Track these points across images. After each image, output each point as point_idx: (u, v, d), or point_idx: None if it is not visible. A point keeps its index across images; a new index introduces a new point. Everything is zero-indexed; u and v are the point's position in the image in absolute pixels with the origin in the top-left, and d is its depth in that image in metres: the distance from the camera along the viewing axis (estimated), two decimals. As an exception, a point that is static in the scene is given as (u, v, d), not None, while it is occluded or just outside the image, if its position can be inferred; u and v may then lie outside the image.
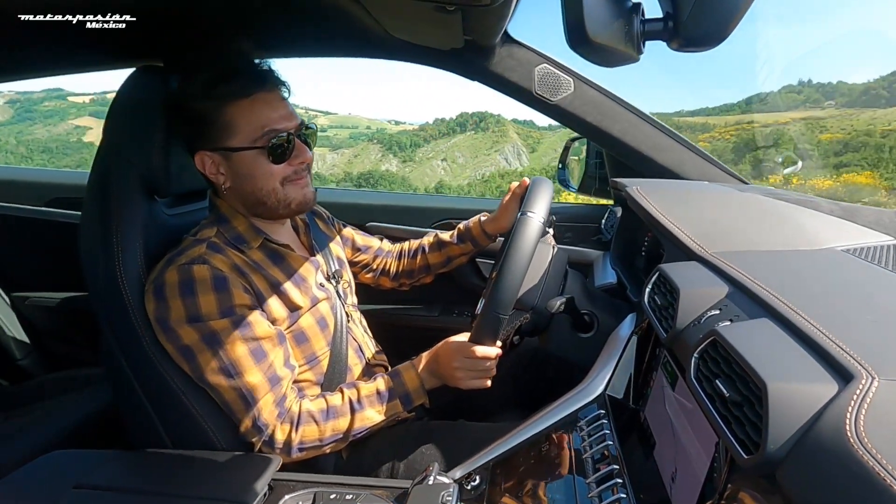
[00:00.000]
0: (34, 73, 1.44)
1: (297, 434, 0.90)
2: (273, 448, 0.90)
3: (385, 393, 0.96)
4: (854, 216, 0.92)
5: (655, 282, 0.79)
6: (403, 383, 0.98)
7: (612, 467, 0.68)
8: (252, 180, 0.94)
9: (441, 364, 0.97)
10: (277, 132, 0.92)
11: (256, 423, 0.89)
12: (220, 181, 0.95)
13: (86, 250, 0.96)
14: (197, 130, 0.92)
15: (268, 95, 0.93)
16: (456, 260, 1.30)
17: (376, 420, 0.95)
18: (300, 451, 0.91)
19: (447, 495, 0.68)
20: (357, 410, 0.94)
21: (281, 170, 0.94)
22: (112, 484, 0.81)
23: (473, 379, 0.96)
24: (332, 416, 0.93)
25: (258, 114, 0.91)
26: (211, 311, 0.86)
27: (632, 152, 1.36)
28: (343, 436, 0.93)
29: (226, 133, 0.91)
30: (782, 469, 0.40)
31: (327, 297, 1.03)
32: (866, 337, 0.49)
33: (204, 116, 0.91)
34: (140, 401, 0.94)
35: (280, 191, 0.95)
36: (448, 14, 0.84)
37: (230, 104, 0.90)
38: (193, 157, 0.95)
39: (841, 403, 0.40)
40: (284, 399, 0.91)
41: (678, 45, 0.67)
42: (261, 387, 0.89)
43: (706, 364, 0.54)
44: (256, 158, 0.92)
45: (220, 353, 0.86)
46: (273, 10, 1.04)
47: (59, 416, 1.29)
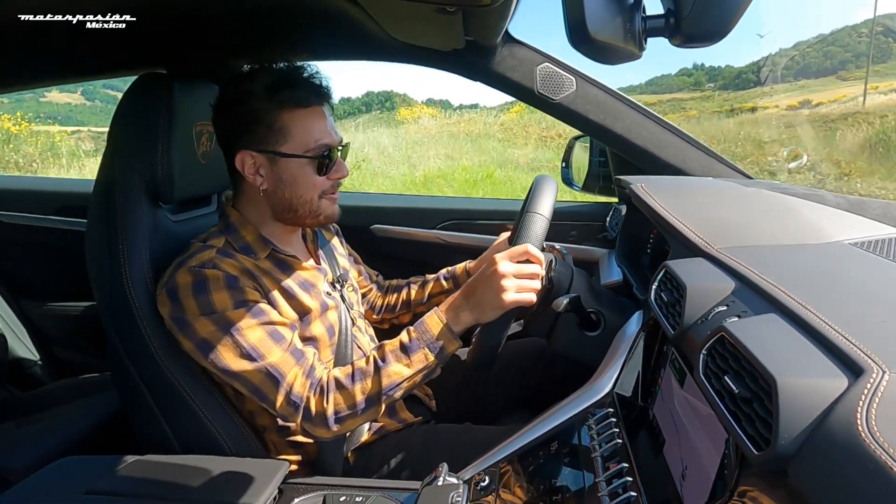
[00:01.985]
0: (38, 83, 1.45)
1: (329, 403, 0.87)
2: (312, 423, 0.87)
3: (409, 343, 0.90)
4: (861, 209, 0.92)
5: (662, 279, 0.79)
6: (427, 329, 0.91)
7: (621, 465, 0.68)
8: (293, 188, 0.95)
9: (479, 284, 0.91)
10: (328, 146, 0.94)
11: (290, 398, 0.87)
12: (256, 182, 0.95)
13: (92, 258, 0.96)
14: (247, 129, 0.93)
15: (322, 109, 0.96)
16: (436, 297, 1.24)
17: (405, 374, 0.89)
18: (337, 423, 0.87)
19: (457, 496, 0.68)
20: (382, 367, 0.89)
21: (322, 182, 0.96)
22: (122, 489, 0.81)
23: (519, 291, 0.88)
24: (359, 378, 0.89)
25: (313, 126, 0.94)
26: (225, 305, 0.87)
27: (635, 149, 1.36)
28: (376, 397, 0.88)
29: (278, 137, 0.92)
30: (793, 465, 0.40)
31: (335, 306, 1.03)
32: (876, 331, 0.48)
33: (259, 117, 0.92)
34: (149, 406, 0.94)
35: (316, 202, 0.97)
36: (449, 15, 0.84)
37: (290, 111, 0.92)
38: (233, 155, 0.94)
39: (851, 398, 0.39)
40: (313, 370, 0.90)
41: (680, 41, 0.66)
42: (286, 362, 0.88)
43: (714, 360, 0.54)
44: (303, 167, 0.94)
45: (239, 339, 0.86)
46: (274, 14, 1.04)
47: (70, 422, 1.30)
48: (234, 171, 0.96)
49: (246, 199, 1.00)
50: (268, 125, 0.92)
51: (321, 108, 0.96)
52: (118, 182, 0.96)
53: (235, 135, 0.94)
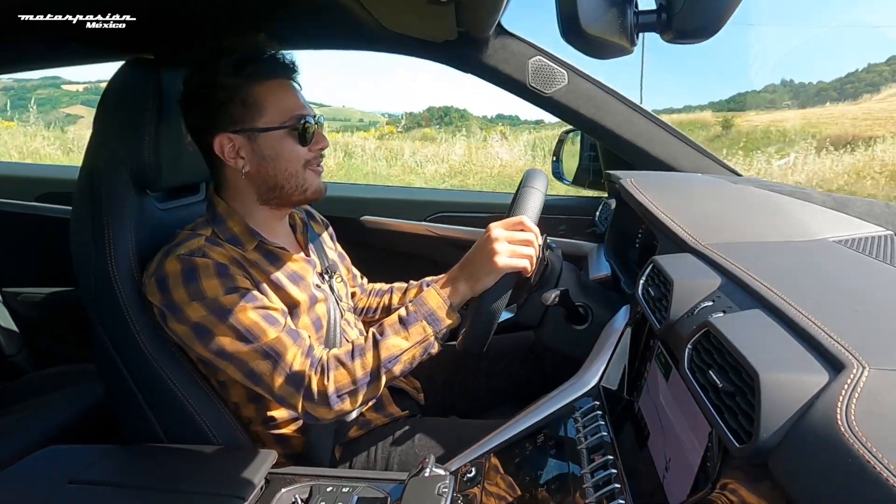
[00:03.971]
0: (23, 67, 1.43)
1: (330, 381, 0.86)
2: (314, 403, 0.86)
3: (407, 317, 0.90)
4: (846, 207, 0.93)
5: (649, 274, 0.79)
6: (425, 303, 0.90)
7: (606, 457, 0.69)
8: (276, 162, 0.94)
9: (474, 254, 0.91)
10: (304, 116, 0.94)
11: (290, 377, 0.85)
12: (238, 165, 0.93)
13: (77, 245, 0.95)
14: (220, 111, 0.91)
15: (292, 84, 0.96)
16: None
17: (403, 346, 0.88)
18: (339, 400, 0.86)
19: (443, 487, 0.68)
20: (380, 341, 0.88)
21: (304, 152, 0.95)
22: (107, 479, 0.81)
23: (513, 256, 0.87)
24: (359, 354, 0.88)
25: (286, 97, 0.93)
26: (217, 292, 0.85)
27: (626, 144, 1.36)
28: (375, 373, 0.87)
29: (253, 113, 0.91)
30: (774, 458, 0.41)
31: (324, 298, 1.02)
32: (857, 327, 0.49)
33: (230, 96, 0.90)
34: (134, 396, 0.94)
35: (301, 174, 0.96)
36: (441, 6, 0.83)
37: (260, 84, 0.91)
38: (210, 142, 0.92)
39: (832, 393, 0.40)
40: (312, 349, 0.89)
41: (671, 37, 0.67)
42: (283, 342, 0.86)
43: (699, 355, 0.55)
44: (284, 139, 0.93)
45: (233, 321, 0.85)
46: (265, 3, 1.03)
47: (53, 411, 1.28)
48: (213, 159, 0.95)
49: (229, 187, 0.98)
50: (241, 102, 0.90)
51: (290, 81, 0.95)
52: (104, 169, 0.95)
53: (209, 119, 0.92)
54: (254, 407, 0.98)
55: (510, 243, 0.88)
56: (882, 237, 0.80)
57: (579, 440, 0.75)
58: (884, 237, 0.80)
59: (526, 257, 0.88)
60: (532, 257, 0.89)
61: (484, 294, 0.89)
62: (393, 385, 1.13)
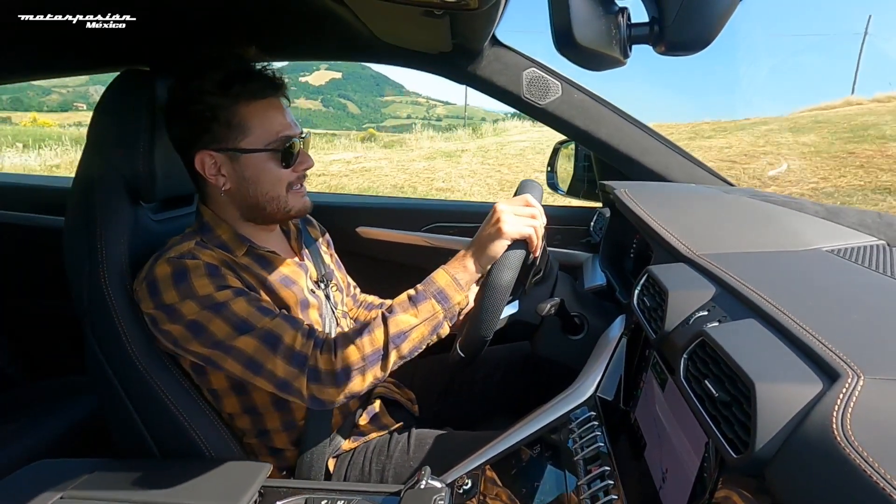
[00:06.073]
0: (21, 77, 1.43)
1: (339, 358, 0.84)
2: (321, 383, 0.84)
3: (416, 295, 0.89)
4: (838, 217, 0.94)
5: (644, 283, 0.80)
6: (433, 281, 0.90)
7: (603, 468, 0.69)
8: (257, 185, 0.93)
9: (481, 230, 0.90)
10: (290, 137, 0.92)
11: (293, 358, 0.84)
12: (218, 182, 0.93)
13: (70, 256, 0.94)
14: (203, 128, 0.90)
15: (279, 101, 0.94)
16: None
17: (412, 323, 0.87)
18: (347, 378, 0.84)
19: (439, 499, 0.68)
20: (389, 318, 0.87)
21: (287, 175, 0.94)
22: (99, 493, 0.80)
23: (519, 225, 0.87)
24: (367, 331, 0.87)
25: (273, 118, 0.92)
26: (208, 290, 0.85)
27: (619, 155, 1.37)
28: (383, 350, 0.86)
29: (237, 134, 0.90)
30: (771, 468, 0.41)
31: (317, 305, 1.01)
32: (852, 336, 0.49)
33: (215, 115, 0.89)
34: (126, 409, 0.93)
35: (283, 197, 0.95)
36: (436, 18, 0.84)
37: (245, 104, 0.90)
38: (192, 157, 0.92)
39: (827, 402, 0.40)
40: (313, 330, 0.87)
41: (663, 49, 0.67)
42: (281, 324, 0.85)
43: (695, 364, 0.55)
44: (266, 162, 0.92)
45: (227, 314, 0.84)
46: (261, 13, 1.04)
47: (45, 424, 1.27)
48: (195, 173, 0.94)
49: (212, 201, 0.97)
50: (225, 122, 0.90)
51: (278, 99, 0.94)
52: (98, 179, 0.94)
53: (192, 135, 0.92)
54: (248, 419, 0.97)
55: (516, 215, 0.88)
56: (874, 247, 0.80)
57: (576, 451, 0.75)
58: (876, 247, 0.80)
59: (531, 227, 0.88)
60: (537, 228, 0.89)
61: (491, 269, 0.88)
62: (387, 396, 1.13)
